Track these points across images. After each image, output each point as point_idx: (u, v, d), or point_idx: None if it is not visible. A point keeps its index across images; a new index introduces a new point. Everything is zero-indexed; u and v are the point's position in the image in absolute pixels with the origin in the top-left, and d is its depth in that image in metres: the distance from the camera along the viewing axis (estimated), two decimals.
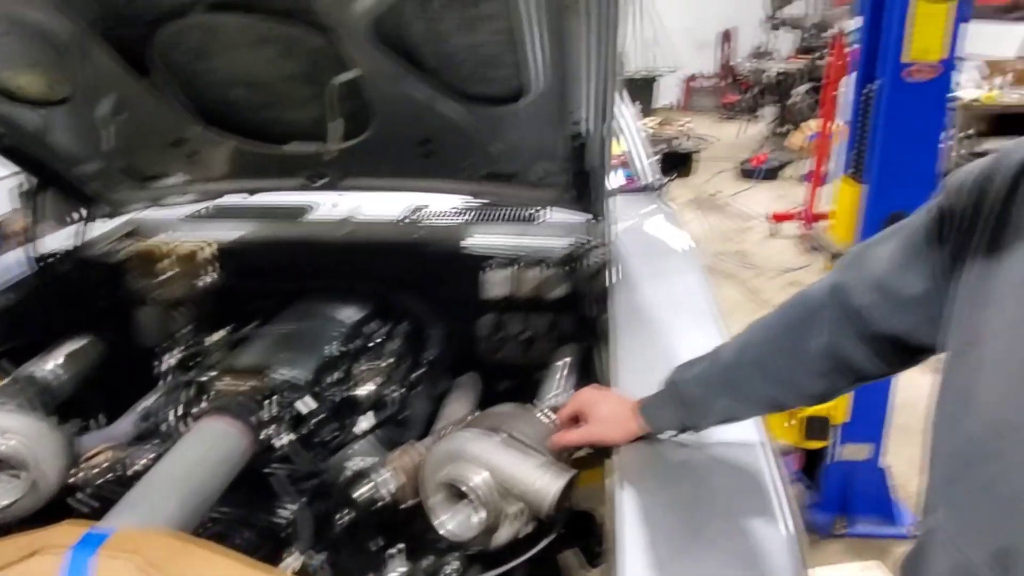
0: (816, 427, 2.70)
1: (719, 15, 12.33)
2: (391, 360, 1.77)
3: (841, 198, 2.51)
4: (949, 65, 2.23)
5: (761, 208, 6.25)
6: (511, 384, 2.01)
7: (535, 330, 2.04)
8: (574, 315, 1.92)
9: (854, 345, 0.95)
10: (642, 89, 11.96)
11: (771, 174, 7.40)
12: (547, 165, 1.72)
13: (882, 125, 2.23)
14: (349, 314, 1.92)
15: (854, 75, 2.63)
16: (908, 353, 0.94)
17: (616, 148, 2.53)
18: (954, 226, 0.83)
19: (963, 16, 2.15)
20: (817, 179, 5.38)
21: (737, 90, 11.59)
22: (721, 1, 12.27)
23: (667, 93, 12.67)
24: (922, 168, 2.21)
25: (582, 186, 1.72)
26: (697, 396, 1.10)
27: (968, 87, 5.30)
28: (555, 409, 1.31)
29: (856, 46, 2.79)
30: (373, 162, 1.81)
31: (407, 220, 2.17)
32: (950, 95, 2.32)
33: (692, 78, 12.62)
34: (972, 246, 0.78)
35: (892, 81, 2.23)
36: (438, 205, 2.22)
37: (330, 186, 1.91)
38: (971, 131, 4.64)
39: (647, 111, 11.41)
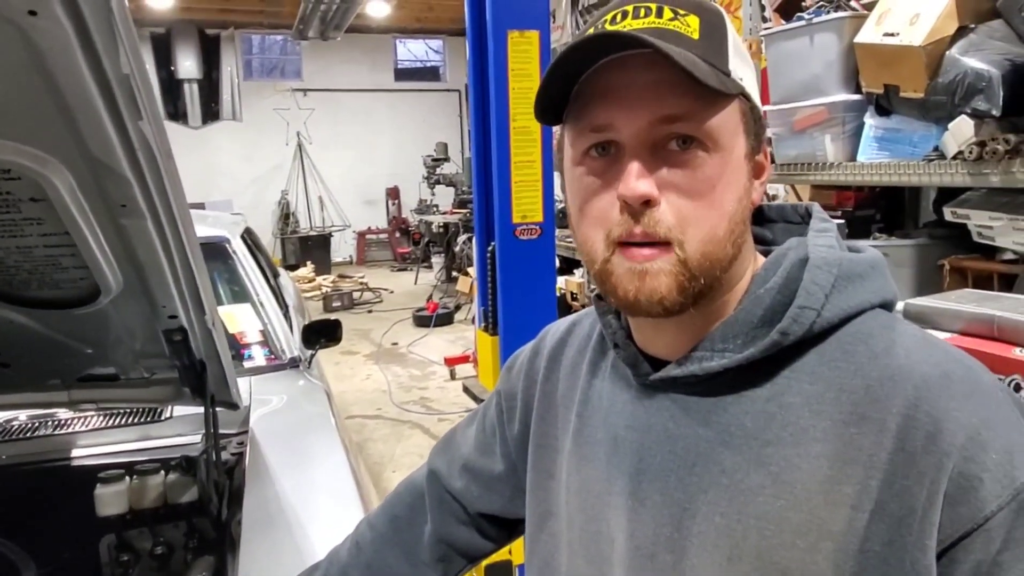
0: (497, 573, 2.71)
1: (383, 174, 13.17)
2: None
3: (481, 349, 2.68)
4: (550, 224, 2.55)
5: (438, 354, 6.50)
6: None
7: (169, 543, 1.79)
8: (210, 519, 1.72)
9: (457, 528, 0.93)
10: (319, 247, 12.14)
11: (446, 319, 7.79)
12: (151, 362, 1.56)
13: (502, 280, 2.44)
14: None
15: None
16: (509, 527, 0.95)
17: (257, 325, 2.44)
18: (513, 407, 0.86)
19: (551, 184, 2.49)
20: None
21: (409, 241, 12.28)
22: (383, 162, 13.16)
23: (344, 248, 13.00)
24: (542, 316, 2.45)
25: (197, 379, 1.59)
26: None
27: None
28: None
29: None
30: None
31: None
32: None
33: (365, 232, 13.12)
34: (532, 423, 0.82)
35: (505, 241, 2.47)
36: (32, 415, 1.90)
37: None
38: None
39: (326, 268, 11.54)
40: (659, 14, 0.60)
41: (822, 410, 0.57)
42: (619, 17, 0.61)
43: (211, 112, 12.18)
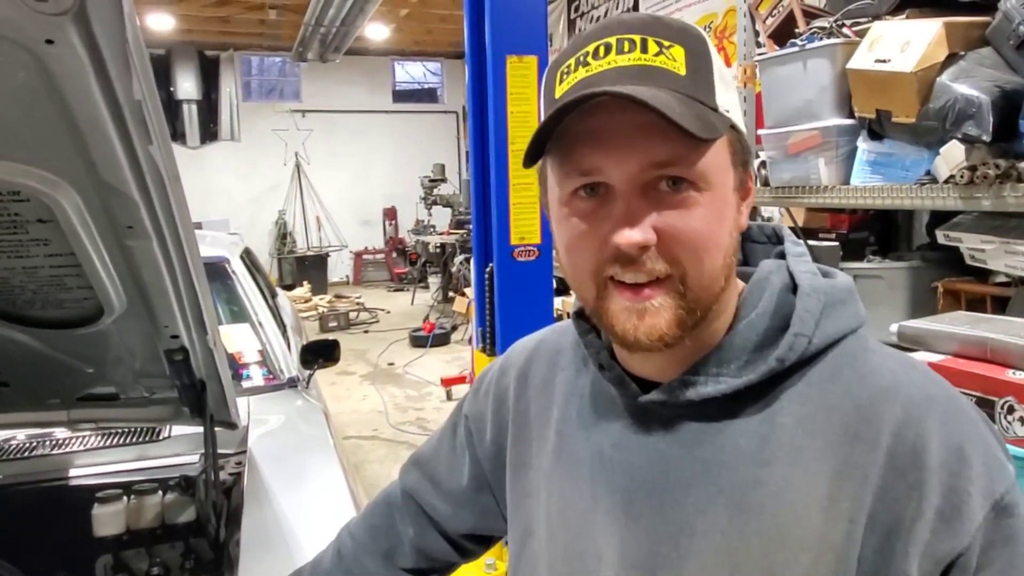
0: None
1: (380, 194, 13.20)
2: None
3: (479, 370, 2.69)
4: (547, 246, 2.57)
5: (435, 374, 6.49)
6: None
7: (166, 564, 1.78)
8: (208, 540, 1.72)
9: (434, 542, 0.95)
10: (316, 267, 12.14)
11: (442, 339, 7.78)
12: (151, 382, 1.57)
13: (500, 301, 2.46)
14: None
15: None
16: (484, 540, 0.96)
17: (255, 345, 2.45)
18: (482, 428, 0.86)
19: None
20: None
21: (406, 262, 12.29)
22: (380, 182, 13.20)
23: (340, 268, 13.00)
24: None
25: (197, 398, 1.60)
26: None
27: None
28: None
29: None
30: None
31: None
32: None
33: (362, 252, 13.13)
34: (508, 443, 0.82)
35: (503, 262, 2.49)
36: (31, 434, 1.90)
37: None
38: None
39: (322, 288, 11.54)
40: (644, 48, 0.58)
41: (815, 429, 0.60)
42: (602, 51, 0.59)
43: (210, 132, 12.23)
